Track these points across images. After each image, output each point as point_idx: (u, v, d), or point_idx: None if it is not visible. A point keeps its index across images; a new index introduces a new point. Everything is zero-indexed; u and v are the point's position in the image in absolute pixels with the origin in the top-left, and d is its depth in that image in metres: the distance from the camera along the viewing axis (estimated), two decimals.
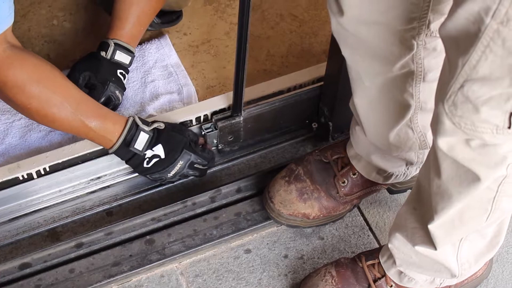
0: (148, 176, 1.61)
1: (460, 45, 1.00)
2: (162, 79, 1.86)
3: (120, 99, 1.74)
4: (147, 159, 1.57)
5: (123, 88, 1.75)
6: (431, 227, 1.29)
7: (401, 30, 1.23)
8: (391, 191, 1.67)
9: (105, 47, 1.72)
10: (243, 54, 1.53)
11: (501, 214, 1.30)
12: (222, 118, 1.67)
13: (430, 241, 1.33)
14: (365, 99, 1.41)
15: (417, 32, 1.24)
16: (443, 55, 1.31)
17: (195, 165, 1.61)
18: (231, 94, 1.64)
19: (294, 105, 1.72)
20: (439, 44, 1.28)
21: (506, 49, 0.95)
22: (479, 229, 1.33)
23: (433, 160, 1.20)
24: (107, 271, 1.57)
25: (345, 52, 1.34)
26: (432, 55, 1.29)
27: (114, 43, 1.72)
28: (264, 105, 1.70)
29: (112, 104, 1.72)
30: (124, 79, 1.76)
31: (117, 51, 1.72)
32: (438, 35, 1.25)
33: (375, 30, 1.25)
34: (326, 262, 1.60)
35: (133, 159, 1.57)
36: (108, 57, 1.72)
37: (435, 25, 1.24)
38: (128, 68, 1.77)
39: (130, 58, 1.75)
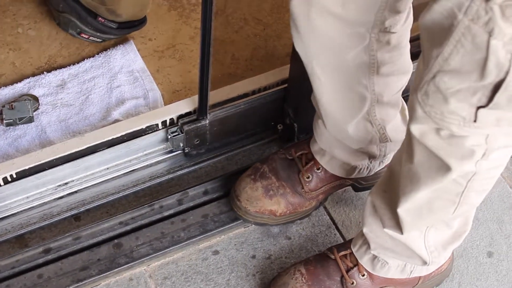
0: None
1: (435, 37, 1.04)
2: (128, 84, 1.87)
3: None
4: None
5: None
6: (399, 210, 1.32)
7: (357, 24, 1.27)
8: (356, 189, 1.69)
9: None
10: (206, 58, 1.54)
11: (468, 208, 1.33)
12: (188, 121, 1.68)
13: (397, 225, 1.36)
14: (323, 92, 1.43)
15: (372, 26, 1.27)
16: (398, 50, 1.35)
17: None
18: (196, 97, 1.65)
19: (259, 107, 1.74)
20: (393, 39, 1.31)
21: (475, 45, 0.98)
22: (445, 220, 1.35)
23: (407, 145, 1.24)
24: (76, 276, 1.57)
25: (298, 45, 1.36)
26: (385, 49, 1.33)
27: None
28: (229, 108, 1.71)
29: None
30: None
31: None
32: (392, 30, 1.28)
33: (332, 21, 1.27)
34: (293, 262, 1.62)
35: None
36: None
37: (389, 22, 1.27)
38: None
39: None
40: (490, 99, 1.04)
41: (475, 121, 1.08)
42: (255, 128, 1.79)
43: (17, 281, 1.56)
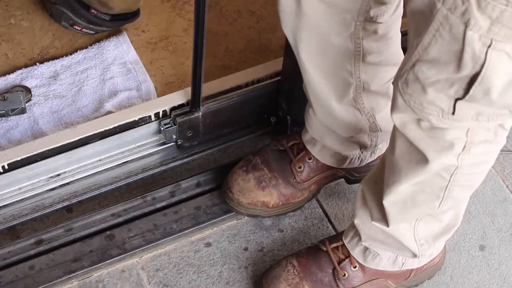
0: None
1: (417, 26, 1.04)
2: (121, 76, 1.86)
3: None
4: None
5: None
6: (385, 202, 1.33)
7: (343, 10, 1.28)
8: (349, 181, 1.69)
9: None
10: (200, 50, 1.54)
11: (455, 203, 1.33)
12: (181, 113, 1.68)
13: (384, 218, 1.37)
14: (309, 75, 1.43)
15: (357, 14, 1.28)
16: (386, 40, 1.36)
17: None
18: (189, 89, 1.65)
19: (252, 99, 1.73)
20: (380, 29, 1.32)
21: (452, 36, 0.98)
22: (433, 214, 1.35)
23: (392, 136, 1.25)
24: (68, 267, 1.57)
25: (285, 27, 1.37)
26: (372, 37, 1.33)
27: None
28: (222, 100, 1.71)
29: None
30: None
31: None
32: (378, 20, 1.29)
33: (320, 6, 1.28)
34: (286, 254, 1.62)
35: None
36: None
37: (375, 12, 1.29)
38: None
39: None
40: (466, 91, 1.03)
41: (453, 113, 1.07)
42: (248, 120, 1.79)
43: (8, 272, 1.56)
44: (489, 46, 0.97)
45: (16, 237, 1.62)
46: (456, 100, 1.05)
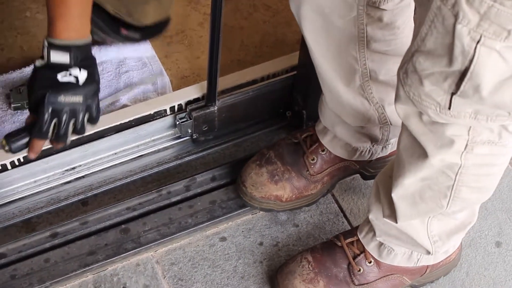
0: None
1: (420, 15, 1.03)
2: (136, 69, 1.86)
3: (73, 101, 1.37)
4: None
5: (73, 90, 1.35)
6: (393, 195, 1.32)
7: None
8: (364, 177, 1.68)
9: (42, 50, 1.37)
10: (216, 44, 1.53)
11: (465, 204, 1.32)
12: (197, 108, 1.68)
13: (393, 214, 1.36)
14: (316, 58, 1.44)
15: None
16: (392, 30, 1.36)
17: None
18: (205, 84, 1.65)
19: (268, 94, 1.73)
20: (385, 16, 1.33)
21: (445, 28, 0.97)
22: (444, 213, 1.34)
23: (400, 130, 1.25)
24: (83, 260, 1.57)
25: (292, 5, 1.38)
26: (377, 25, 1.33)
27: (48, 43, 1.33)
28: (238, 94, 1.70)
29: (64, 115, 1.36)
30: (79, 79, 1.37)
31: (51, 52, 1.33)
32: (381, 6, 1.29)
33: None
34: (301, 249, 1.62)
35: None
36: (45, 61, 1.35)
37: None
38: (79, 66, 1.37)
39: (68, 54, 1.33)
40: (458, 86, 1.02)
41: (449, 108, 1.06)
42: (264, 115, 1.79)
43: (24, 265, 1.56)
44: (478, 42, 0.96)
45: (32, 230, 1.62)
46: (452, 95, 1.04)
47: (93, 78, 1.38)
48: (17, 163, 1.60)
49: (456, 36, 0.96)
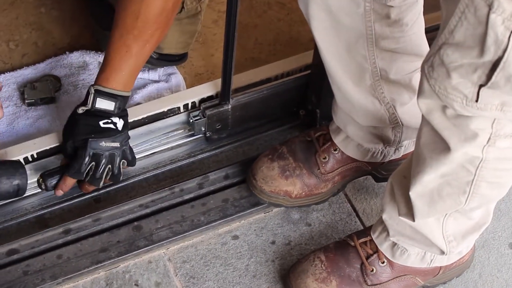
0: None
1: (447, 10, 1.03)
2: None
3: (112, 146, 1.50)
4: None
5: (113, 136, 1.49)
6: (411, 193, 1.32)
7: None
8: (377, 179, 1.68)
9: (86, 97, 1.49)
10: (231, 42, 1.53)
11: (483, 201, 1.31)
12: (210, 106, 1.68)
13: (410, 212, 1.36)
14: (325, 56, 1.44)
15: None
16: (400, 27, 1.36)
17: None
18: (219, 81, 1.64)
19: (282, 92, 1.73)
20: (393, 13, 1.33)
21: (477, 18, 0.97)
22: (460, 211, 1.34)
23: (420, 126, 1.25)
24: (95, 257, 1.57)
25: (300, 2, 1.38)
26: (385, 22, 1.33)
27: (95, 90, 1.47)
28: (252, 93, 1.70)
29: (103, 159, 1.49)
30: (117, 126, 1.51)
31: (98, 99, 1.47)
32: (388, 3, 1.29)
33: None
34: (313, 248, 1.61)
35: None
36: (89, 107, 1.48)
37: None
38: (118, 115, 1.51)
39: (114, 103, 1.48)
40: (489, 77, 1.02)
41: (477, 100, 1.06)
42: (277, 113, 1.78)
43: (36, 261, 1.56)
44: None
45: (45, 226, 1.62)
46: (480, 87, 1.04)
47: (127, 127, 1.52)
48: (30, 159, 1.60)
49: (489, 26, 0.96)
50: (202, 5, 1.75)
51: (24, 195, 1.60)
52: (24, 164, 1.57)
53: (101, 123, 1.48)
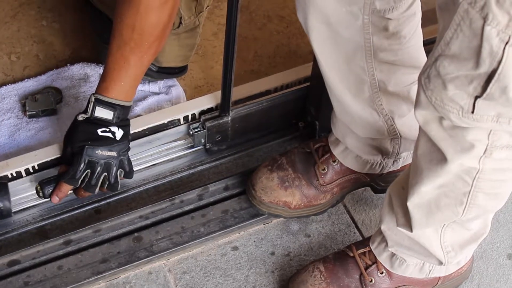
0: None
1: (444, 22, 1.04)
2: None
3: (108, 155, 1.52)
4: None
5: (110, 145, 1.51)
6: (409, 204, 1.32)
7: (350, 2, 1.30)
8: (375, 190, 1.69)
9: (87, 105, 1.52)
10: (231, 54, 1.54)
11: (480, 212, 1.32)
12: (210, 118, 1.69)
13: (408, 222, 1.36)
14: (323, 67, 1.45)
15: (363, 6, 1.30)
16: (398, 39, 1.37)
17: None
18: (219, 93, 1.66)
19: (281, 105, 1.74)
20: (391, 26, 1.34)
21: (472, 30, 0.98)
22: (458, 221, 1.35)
23: (417, 137, 1.25)
24: (95, 268, 1.58)
25: (299, 14, 1.39)
26: (383, 34, 1.34)
27: (95, 99, 1.50)
28: (251, 105, 1.71)
29: (98, 167, 1.51)
30: (116, 135, 1.52)
31: (97, 107, 1.50)
32: (387, 16, 1.30)
33: None
34: (312, 259, 1.62)
35: None
36: (89, 115, 1.50)
37: (381, 5, 1.30)
38: (117, 125, 1.52)
39: (112, 113, 1.50)
40: (484, 89, 1.03)
41: (473, 112, 1.07)
42: (277, 125, 1.80)
43: (37, 272, 1.57)
44: (507, 43, 0.96)
45: (45, 237, 1.63)
46: (476, 98, 1.05)
47: (127, 137, 1.54)
48: (31, 171, 1.61)
49: (484, 38, 0.97)
50: (200, 19, 1.76)
51: (26, 206, 1.62)
52: (8, 183, 1.58)
53: (99, 131, 1.50)
